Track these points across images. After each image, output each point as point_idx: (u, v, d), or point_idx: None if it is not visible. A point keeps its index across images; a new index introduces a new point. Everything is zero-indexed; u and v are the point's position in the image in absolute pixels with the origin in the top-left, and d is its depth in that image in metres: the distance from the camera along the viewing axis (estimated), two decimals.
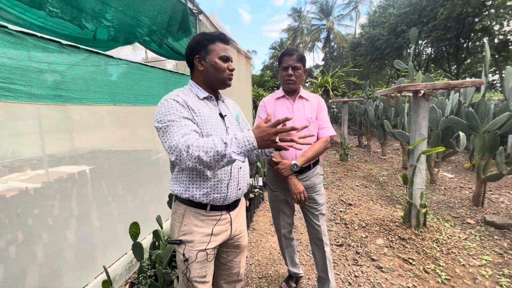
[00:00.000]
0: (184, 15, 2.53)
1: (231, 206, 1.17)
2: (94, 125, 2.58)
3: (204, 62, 1.12)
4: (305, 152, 1.63)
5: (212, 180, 1.08)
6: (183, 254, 1.09)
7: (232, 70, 1.16)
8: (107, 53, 1.88)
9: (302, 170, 1.68)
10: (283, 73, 1.66)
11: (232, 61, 1.18)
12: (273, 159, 1.64)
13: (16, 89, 1.25)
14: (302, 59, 1.65)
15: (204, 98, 1.14)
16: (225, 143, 0.87)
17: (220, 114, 1.16)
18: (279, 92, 1.76)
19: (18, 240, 1.59)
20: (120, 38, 2.07)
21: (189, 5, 2.74)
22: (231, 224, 1.18)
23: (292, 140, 0.92)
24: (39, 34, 1.33)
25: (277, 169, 1.61)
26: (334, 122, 14.67)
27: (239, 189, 1.16)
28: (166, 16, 2.29)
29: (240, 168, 1.16)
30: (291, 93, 1.73)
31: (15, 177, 2.04)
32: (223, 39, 1.13)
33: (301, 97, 1.73)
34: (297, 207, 1.87)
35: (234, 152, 0.86)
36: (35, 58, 1.37)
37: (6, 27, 1.19)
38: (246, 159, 1.25)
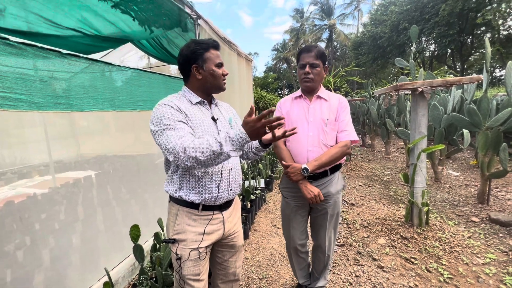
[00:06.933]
0: (181, 16, 2.57)
1: (223, 206, 1.20)
2: (99, 131, 2.64)
3: (202, 70, 1.15)
4: (319, 156, 1.48)
5: (203, 180, 1.11)
6: (176, 253, 1.12)
7: (225, 74, 1.19)
8: (107, 59, 1.92)
9: (317, 176, 1.55)
10: (301, 71, 1.55)
11: (223, 66, 1.21)
12: (283, 162, 1.54)
13: (17, 98, 1.29)
14: (321, 56, 1.51)
15: (197, 103, 1.18)
16: (219, 142, 0.93)
17: (213, 118, 1.19)
18: (297, 92, 1.66)
19: (25, 243, 1.63)
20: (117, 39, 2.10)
21: (188, 10, 2.79)
22: (223, 224, 1.20)
23: (280, 125, 0.96)
24: (39, 45, 1.38)
25: (286, 173, 1.52)
26: None
27: (230, 189, 1.19)
28: (167, 18, 2.33)
29: (231, 169, 1.19)
30: (309, 92, 1.61)
31: (24, 183, 2.11)
32: (216, 46, 1.18)
33: (319, 97, 1.59)
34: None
35: (231, 150, 0.94)
36: (36, 68, 1.42)
37: (7, 39, 1.24)
38: (239, 161, 1.28)
